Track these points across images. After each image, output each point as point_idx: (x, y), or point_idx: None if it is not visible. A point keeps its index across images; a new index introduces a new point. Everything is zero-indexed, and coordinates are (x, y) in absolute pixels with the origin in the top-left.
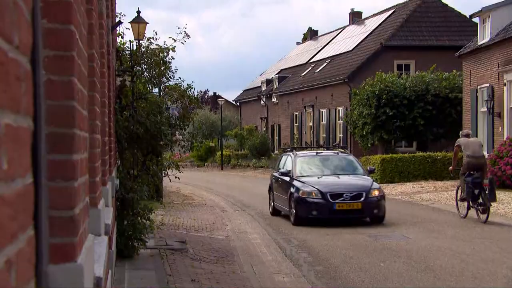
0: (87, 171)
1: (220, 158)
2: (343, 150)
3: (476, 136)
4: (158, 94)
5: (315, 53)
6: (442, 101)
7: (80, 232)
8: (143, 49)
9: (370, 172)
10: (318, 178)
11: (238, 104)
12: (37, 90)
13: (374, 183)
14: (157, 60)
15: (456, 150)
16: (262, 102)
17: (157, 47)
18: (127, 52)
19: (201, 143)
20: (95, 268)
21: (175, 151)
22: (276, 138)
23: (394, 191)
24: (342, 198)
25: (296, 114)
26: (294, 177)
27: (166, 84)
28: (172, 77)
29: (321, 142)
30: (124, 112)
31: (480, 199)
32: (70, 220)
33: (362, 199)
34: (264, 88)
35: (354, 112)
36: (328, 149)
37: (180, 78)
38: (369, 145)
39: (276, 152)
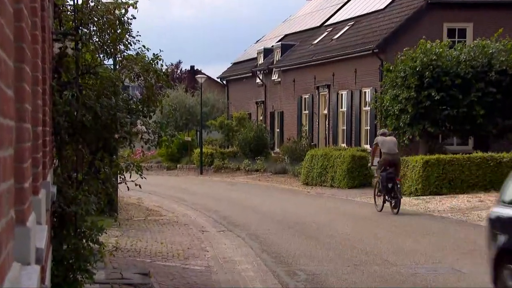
0: (12, 174)
1: (199, 158)
2: None
3: None
4: (112, 67)
5: (332, 12)
6: (511, 81)
7: (1, 260)
8: (92, 3)
9: None
10: None
11: (224, 82)
12: None
13: None
14: (112, 20)
15: (375, 148)
16: (258, 81)
17: (112, 1)
18: (69, 8)
19: (172, 137)
20: None
21: (135, 147)
22: (277, 130)
23: (441, 206)
24: None
25: (305, 98)
26: None
27: (124, 54)
28: (132, 43)
29: (342, 137)
30: (64, 92)
31: (393, 192)
32: None
33: None
34: (261, 60)
35: (387, 96)
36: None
37: (144, 47)
38: (406, 142)
39: (277, 150)
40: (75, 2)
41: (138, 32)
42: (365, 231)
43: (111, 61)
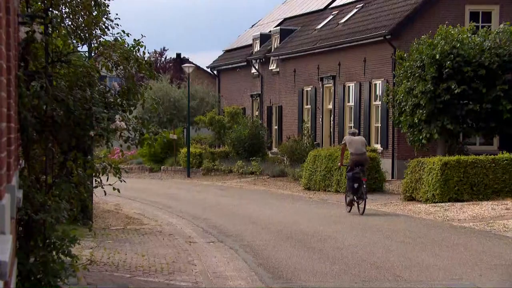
0: None
1: (185, 159)
2: None
3: None
4: (87, 55)
5: None
6: None
7: None
8: None
9: None
10: None
11: (215, 72)
12: None
13: None
14: (86, 1)
15: (343, 148)
16: (254, 71)
17: None
18: None
19: (155, 135)
20: None
21: (113, 146)
22: (275, 127)
23: (462, 214)
24: None
25: (307, 91)
26: None
27: (101, 39)
28: (110, 28)
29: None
30: (32, 83)
31: (359, 193)
32: None
33: None
34: (257, 48)
35: (400, 88)
36: None
37: (124, 32)
38: (423, 141)
39: (275, 150)
40: None
41: (117, 14)
42: (375, 243)
43: (85, 48)
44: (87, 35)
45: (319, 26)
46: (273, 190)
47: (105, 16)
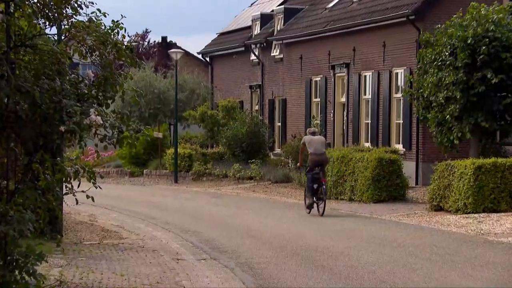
0: None
1: (172, 162)
2: None
3: None
4: (57, 38)
5: None
6: None
7: None
8: None
9: None
10: None
11: (208, 60)
12: None
13: None
14: None
15: (302, 147)
16: (253, 57)
17: None
18: None
19: (137, 133)
20: None
21: (87, 146)
22: (278, 124)
23: (499, 227)
24: None
25: (316, 81)
26: None
27: (73, 20)
28: (84, 6)
29: (365, 134)
30: None
31: (319, 194)
32: None
33: None
34: (257, 30)
35: (426, 79)
36: None
37: (100, 11)
38: (455, 141)
39: (278, 150)
40: None
41: None
42: (396, 261)
43: (54, 30)
44: (56, 14)
45: (331, 5)
46: (275, 198)
47: None
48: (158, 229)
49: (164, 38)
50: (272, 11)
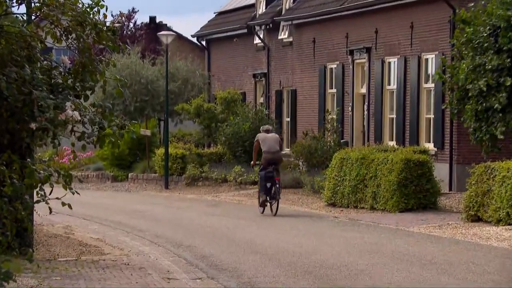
0: None
1: (163, 164)
2: None
3: None
4: (25, 18)
5: None
6: None
7: None
8: None
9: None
10: None
11: (204, 44)
12: None
13: None
14: None
15: (256, 145)
16: (257, 41)
17: None
18: None
19: (121, 129)
20: None
21: (62, 145)
22: (286, 119)
23: None
24: None
25: (332, 68)
26: None
27: None
28: None
29: (389, 131)
30: None
31: (272, 193)
32: None
33: None
34: (262, 9)
35: (463, 65)
36: None
37: None
38: (498, 136)
39: (286, 150)
40: None
41: None
42: (426, 281)
43: (23, 9)
44: None
45: None
46: (283, 207)
47: None
48: (145, 243)
49: (152, 19)
50: None
